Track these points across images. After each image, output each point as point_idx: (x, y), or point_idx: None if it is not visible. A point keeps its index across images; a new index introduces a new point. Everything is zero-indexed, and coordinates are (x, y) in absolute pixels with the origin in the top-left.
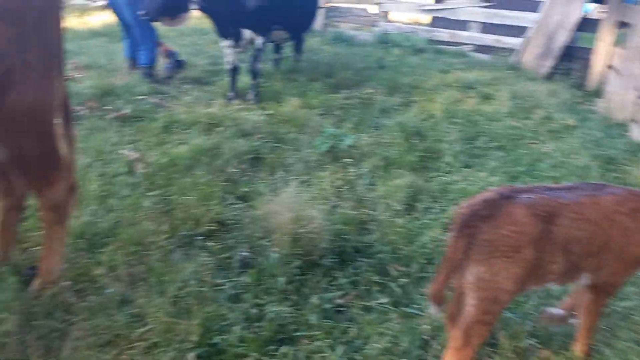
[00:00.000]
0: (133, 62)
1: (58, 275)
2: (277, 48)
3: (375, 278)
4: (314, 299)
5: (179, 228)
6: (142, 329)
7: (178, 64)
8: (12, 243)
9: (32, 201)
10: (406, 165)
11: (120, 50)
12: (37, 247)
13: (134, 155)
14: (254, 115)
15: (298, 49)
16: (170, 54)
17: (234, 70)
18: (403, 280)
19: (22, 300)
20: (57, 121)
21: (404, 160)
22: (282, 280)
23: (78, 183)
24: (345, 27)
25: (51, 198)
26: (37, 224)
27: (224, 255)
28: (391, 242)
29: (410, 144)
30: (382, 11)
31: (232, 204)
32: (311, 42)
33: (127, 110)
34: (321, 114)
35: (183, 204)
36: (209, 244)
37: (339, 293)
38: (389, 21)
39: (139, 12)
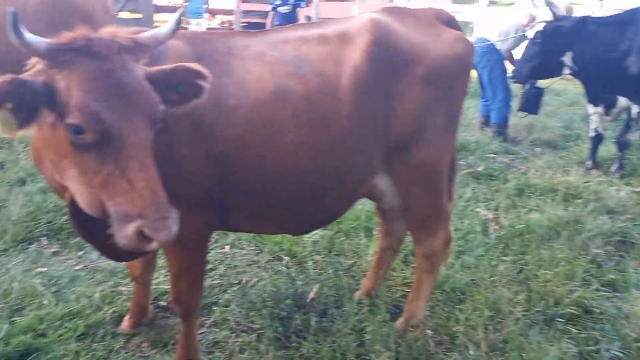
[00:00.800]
0: (485, 119)
1: (421, 320)
2: None
3: None
4: None
5: (536, 303)
6: None
7: (538, 92)
8: (381, 280)
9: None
10: None
11: (473, 107)
12: (400, 288)
13: (488, 214)
14: (618, 191)
15: None
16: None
17: (598, 139)
18: None
19: (389, 337)
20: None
21: None
22: None
23: (451, 236)
24: None
25: (428, 247)
26: (400, 266)
27: (589, 348)
28: None
29: None
30: None
31: (597, 289)
32: None
33: (479, 167)
34: None
35: (540, 277)
36: (571, 329)
37: None
38: None
39: (509, 76)
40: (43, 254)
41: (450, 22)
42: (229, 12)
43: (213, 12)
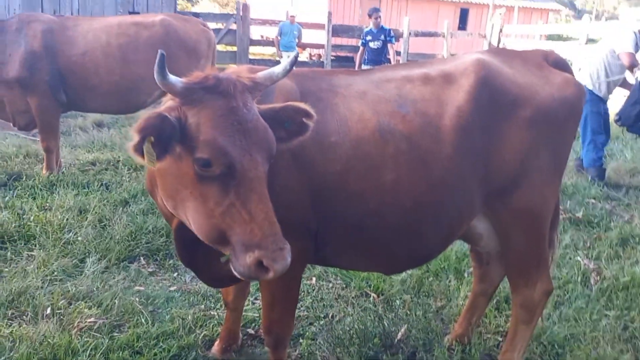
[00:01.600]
0: (580, 162)
1: None
2: None
3: None
4: None
5: None
6: None
7: None
8: (473, 326)
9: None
10: None
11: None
12: (492, 336)
13: (588, 264)
14: None
15: None
16: None
17: None
18: None
19: None
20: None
21: None
22: None
23: (552, 286)
24: None
25: (526, 296)
26: (493, 313)
27: None
28: None
29: None
30: None
31: None
32: None
33: (579, 213)
34: None
35: None
36: None
37: None
38: None
39: (615, 118)
40: (142, 273)
41: (559, 64)
42: (319, 46)
43: (303, 46)
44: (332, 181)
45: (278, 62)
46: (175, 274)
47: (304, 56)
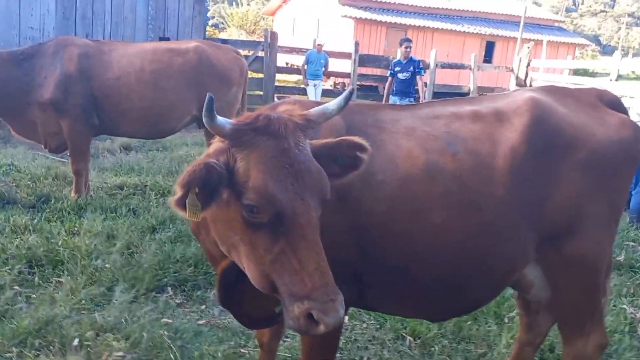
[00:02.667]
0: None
1: None
2: None
3: None
4: None
5: None
6: None
7: None
8: None
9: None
10: None
11: None
12: None
13: (635, 313)
14: None
15: None
16: None
17: None
18: None
19: None
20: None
21: None
22: None
23: (608, 339)
24: None
25: (579, 349)
26: None
27: None
28: None
29: None
30: None
31: None
32: None
33: (620, 257)
34: None
35: None
36: None
37: None
38: None
39: None
40: (169, 304)
41: (614, 104)
42: (345, 75)
43: (329, 75)
44: (378, 221)
45: (303, 89)
46: (203, 307)
47: (328, 84)
